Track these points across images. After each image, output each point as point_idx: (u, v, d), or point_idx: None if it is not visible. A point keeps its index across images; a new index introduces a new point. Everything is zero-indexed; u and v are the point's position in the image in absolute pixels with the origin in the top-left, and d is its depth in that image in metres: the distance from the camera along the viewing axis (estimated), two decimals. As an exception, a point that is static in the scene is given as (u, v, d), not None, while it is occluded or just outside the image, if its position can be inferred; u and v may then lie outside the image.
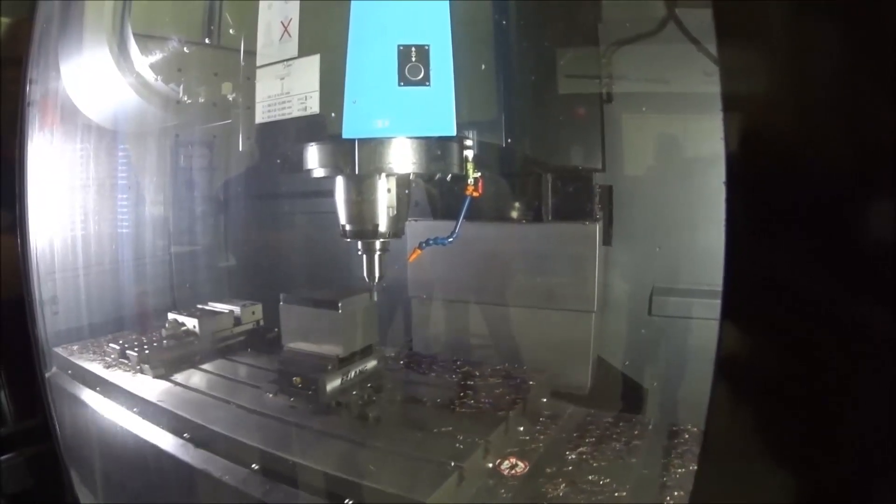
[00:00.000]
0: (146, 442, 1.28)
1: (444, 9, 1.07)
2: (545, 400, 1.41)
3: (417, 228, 1.52)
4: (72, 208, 1.76)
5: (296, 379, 1.32)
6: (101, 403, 1.46)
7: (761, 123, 0.66)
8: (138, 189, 1.91)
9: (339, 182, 1.21)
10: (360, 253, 1.24)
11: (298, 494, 1.06)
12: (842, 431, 0.60)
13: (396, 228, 1.22)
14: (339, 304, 1.32)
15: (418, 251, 1.37)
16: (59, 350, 1.66)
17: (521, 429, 1.27)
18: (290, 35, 1.17)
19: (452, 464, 1.05)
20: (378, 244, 1.22)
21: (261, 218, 2.08)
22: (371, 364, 1.42)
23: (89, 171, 1.78)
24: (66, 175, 1.72)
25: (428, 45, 1.06)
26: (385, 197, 1.19)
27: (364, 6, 1.08)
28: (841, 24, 0.60)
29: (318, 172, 1.19)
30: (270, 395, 1.35)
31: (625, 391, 1.55)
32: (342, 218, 1.23)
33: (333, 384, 1.31)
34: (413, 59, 1.06)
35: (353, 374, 1.37)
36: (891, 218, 0.56)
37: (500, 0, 1.33)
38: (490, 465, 1.13)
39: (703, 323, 1.39)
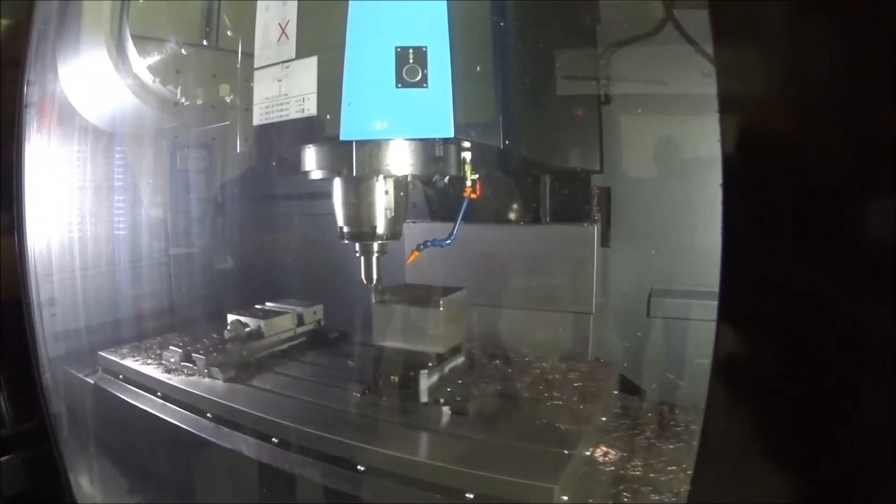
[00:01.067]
0: (224, 448, 1.26)
1: (442, 10, 1.07)
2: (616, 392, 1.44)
3: (415, 230, 1.52)
4: (70, 210, 1.75)
5: (393, 377, 1.30)
6: (161, 409, 1.44)
7: (759, 124, 0.66)
8: (136, 191, 1.91)
9: (337, 184, 1.21)
10: (357, 255, 1.24)
11: (415, 493, 1.05)
12: (840, 432, 0.60)
13: (394, 230, 1.22)
14: (441, 302, 1.31)
15: (416, 253, 1.37)
16: (106, 354, 1.64)
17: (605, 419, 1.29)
18: (287, 37, 1.17)
19: (566, 451, 1.06)
20: (376, 246, 1.22)
21: (260, 220, 2.08)
22: (461, 360, 1.42)
23: (87, 173, 1.78)
24: (64, 177, 1.72)
25: (425, 47, 1.06)
26: (383, 199, 1.19)
27: (362, 7, 1.08)
28: (839, 23, 0.60)
29: (316, 174, 1.19)
30: (357, 395, 1.34)
31: (622, 392, 1.54)
32: (340, 220, 1.23)
33: (431, 381, 1.30)
34: (411, 60, 1.06)
35: (447, 370, 1.37)
36: (889, 218, 0.56)
37: (498, 1, 1.33)
38: (587, 453, 1.16)
39: (701, 324, 1.39)
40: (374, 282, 1.25)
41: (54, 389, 1.56)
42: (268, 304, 1.82)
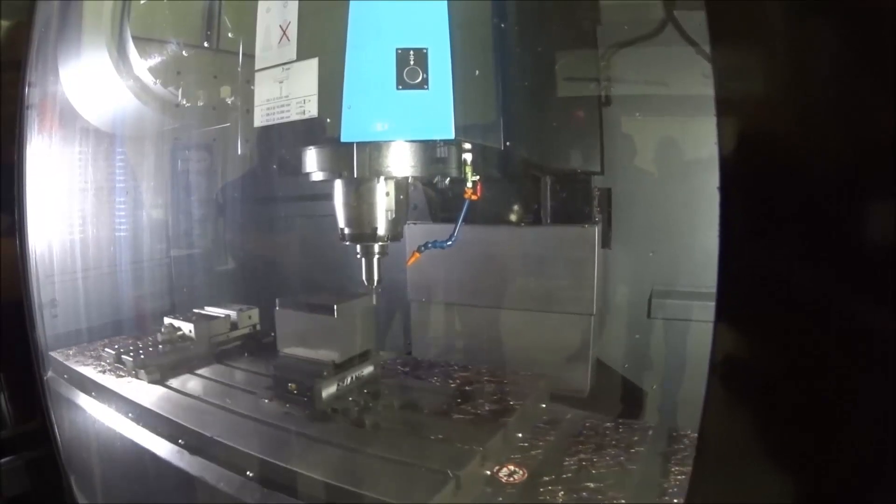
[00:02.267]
0: (142, 447, 1.28)
1: (443, 11, 1.07)
2: (544, 405, 1.40)
3: (416, 232, 1.52)
4: (71, 212, 1.76)
5: (291, 385, 1.31)
6: (96, 408, 1.46)
7: (758, 124, 0.66)
8: (137, 192, 1.91)
9: (338, 185, 1.21)
10: (358, 256, 1.24)
11: (295, 502, 1.05)
12: (840, 432, 0.60)
13: (395, 232, 1.22)
14: (336, 309, 1.31)
15: (417, 255, 1.36)
16: (55, 354, 1.65)
17: (520, 435, 1.25)
18: (288, 38, 1.17)
19: (450, 472, 1.04)
20: (377, 248, 1.22)
21: (261, 221, 2.08)
22: (368, 369, 1.41)
23: (89, 175, 1.78)
24: (65, 178, 1.72)
25: (426, 49, 1.06)
26: (383, 200, 1.18)
27: (362, 9, 1.08)
28: (838, 24, 0.59)
29: (317, 176, 1.19)
30: (266, 401, 1.34)
31: (624, 394, 1.54)
32: (341, 221, 1.23)
33: (329, 390, 1.30)
34: (411, 62, 1.06)
35: (349, 379, 1.35)
36: (888, 218, 0.56)
37: (499, 2, 1.33)
38: (488, 472, 1.12)
39: (702, 325, 1.39)
40: (375, 283, 1.25)
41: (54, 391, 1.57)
42: (207, 308, 1.83)
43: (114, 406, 1.43)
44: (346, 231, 1.22)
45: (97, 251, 1.79)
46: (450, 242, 1.33)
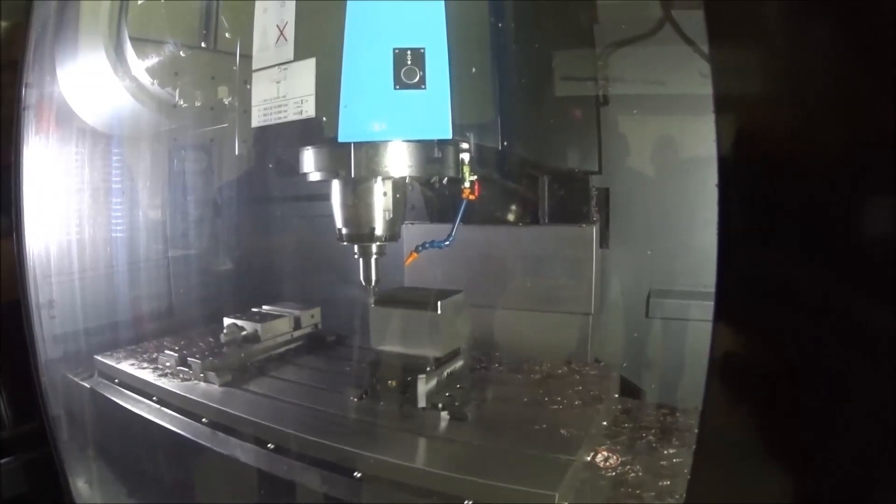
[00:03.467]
0: (221, 454, 1.25)
1: (440, 11, 1.07)
2: (617, 395, 1.42)
3: (414, 232, 1.52)
4: (69, 213, 1.75)
5: (390, 381, 1.29)
6: (157, 413, 1.42)
7: (756, 123, 0.66)
8: (135, 193, 1.91)
9: (336, 186, 1.21)
10: (356, 256, 1.24)
11: (413, 500, 1.04)
12: (839, 431, 0.60)
13: (392, 232, 1.22)
14: (440, 305, 1.30)
15: (414, 255, 1.36)
16: (102, 358, 1.63)
17: (605, 423, 1.27)
18: (286, 39, 1.17)
19: (566, 457, 1.05)
20: (374, 248, 1.22)
21: (259, 222, 2.08)
22: (459, 364, 1.40)
23: (86, 176, 1.78)
24: (63, 179, 1.72)
25: (423, 48, 1.06)
26: (381, 200, 1.18)
27: (359, 9, 1.08)
28: (836, 22, 0.59)
29: (314, 176, 1.19)
30: (355, 400, 1.32)
31: (622, 393, 1.54)
32: (338, 221, 1.23)
33: (430, 386, 1.28)
34: (409, 62, 1.06)
35: (445, 375, 1.35)
36: (887, 217, 0.56)
37: (496, 2, 1.33)
38: (588, 458, 1.14)
39: (701, 324, 1.39)
40: (373, 283, 1.25)
41: (53, 392, 1.56)
42: (265, 307, 1.81)
43: (180, 411, 1.40)
44: (344, 231, 1.22)
45: (95, 252, 1.79)
46: (447, 242, 1.33)
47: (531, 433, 1.16)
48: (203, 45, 1.71)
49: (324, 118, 1.10)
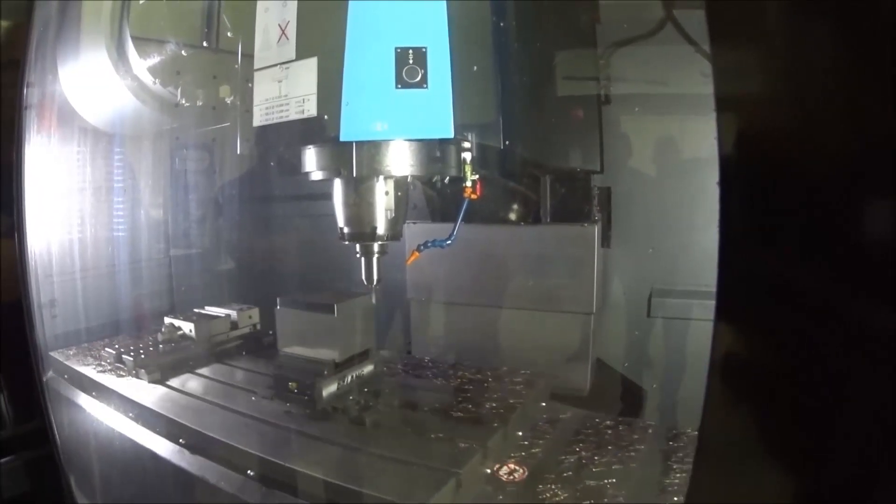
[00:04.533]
0: (142, 447, 1.28)
1: (442, 11, 1.07)
2: (544, 404, 1.40)
3: (415, 231, 1.52)
4: (71, 212, 1.75)
5: (291, 384, 1.30)
6: (97, 408, 1.46)
7: (757, 123, 0.66)
8: (137, 192, 1.91)
9: (337, 185, 1.21)
10: (358, 256, 1.24)
11: (296, 501, 1.05)
12: (840, 431, 0.60)
13: (394, 231, 1.22)
14: (336, 308, 1.31)
15: (416, 254, 1.36)
16: (55, 354, 1.65)
17: (521, 433, 1.26)
18: (287, 38, 1.17)
19: (450, 470, 1.04)
20: (376, 247, 1.22)
21: (261, 221, 2.07)
22: (368, 368, 1.41)
23: (88, 175, 1.78)
24: (65, 178, 1.72)
25: (425, 48, 1.06)
26: (383, 199, 1.18)
27: (361, 8, 1.08)
28: (837, 22, 0.59)
29: (316, 175, 1.19)
30: (266, 400, 1.34)
31: (624, 393, 1.54)
32: (340, 221, 1.23)
33: (330, 389, 1.30)
34: (410, 61, 1.06)
35: (349, 378, 1.35)
36: (888, 217, 0.56)
37: (498, 1, 1.33)
38: (488, 470, 1.12)
39: (703, 324, 1.39)
40: (375, 283, 1.25)
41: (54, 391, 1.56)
42: (207, 307, 1.83)
43: (114, 405, 1.43)
44: (346, 230, 1.22)
45: (96, 251, 1.79)
46: (449, 241, 1.33)
47: (426, 442, 1.16)
48: (205, 44, 1.71)
49: (325, 117, 1.10)
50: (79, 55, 1.59)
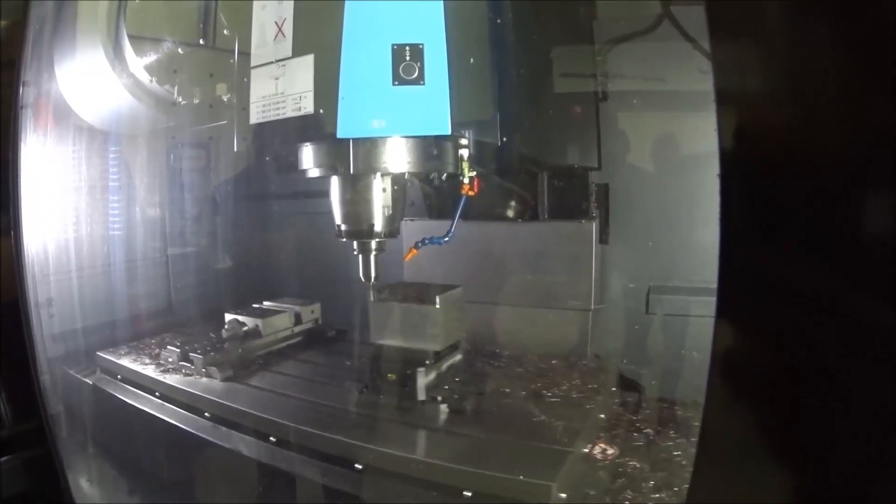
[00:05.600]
0: (225, 449, 1.27)
1: (438, 8, 1.07)
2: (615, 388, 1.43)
3: (413, 228, 1.52)
4: (67, 211, 1.75)
5: (390, 375, 1.30)
6: (160, 409, 1.44)
7: (756, 119, 0.66)
8: (134, 191, 1.91)
9: (334, 182, 1.21)
10: (355, 253, 1.24)
11: (414, 492, 1.06)
12: (840, 429, 0.60)
13: (392, 228, 1.22)
14: (438, 300, 1.31)
15: (414, 251, 1.36)
16: (104, 354, 1.64)
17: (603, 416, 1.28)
18: (284, 35, 1.17)
19: (564, 449, 1.06)
20: (374, 244, 1.22)
21: (259, 219, 2.07)
22: (458, 358, 1.42)
23: (85, 174, 1.78)
24: (62, 177, 1.72)
25: (422, 44, 1.06)
26: (380, 196, 1.19)
27: (358, 6, 1.08)
28: (837, 19, 0.59)
29: (314, 172, 1.19)
30: (357, 393, 1.33)
31: (622, 389, 1.54)
32: (338, 218, 1.23)
33: (429, 379, 1.30)
34: (407, 58, 1.06)
35: (444, 368, 1.36)
36: (888, 214, 0.56)
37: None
38: (585, 450, 1.14)
39: (701, 320, 1.39)
40: (373, 279, 1.25)
41: (53, 390, 1.56)
42: (265, 303, 1.82)
43: (183, 406, 1.42)
44: (343, 227, 1.23)
45: (93, 250, 1.79)
46: (447, 238, 1.33)
47: (529, 426, 1.17)
48: (201, 42, 1.70)
49: (322, 112, 1.10)
50: (75, 54, 1.59)
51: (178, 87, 1.66)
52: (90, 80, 1.63)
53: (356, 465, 1.12)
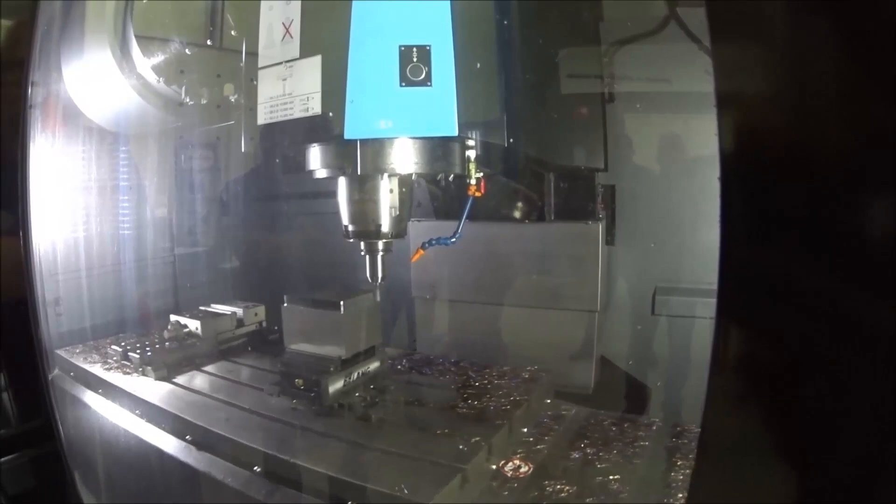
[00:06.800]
0: (148, 444, 1.28)
1: (445, 9, 1.07)
2: (549, 401, 1.41)
3: (420, 228, 1.52)
4: (75, 210, 1.76)
5: (298, 381, 1.31)
6: (103, 405, 1.46)
7: (759, 121, 0.66)
8: (141, 191, 1.92)
9: (342, 183, 1.21)
10: (362, 253, 1.24)
11: (301, 497, 1.06)
12: (841, 430, 0.60)
13: (399, 228, 1.22)
14: (342, 305, 1.31)
15: (421, 251, 1.37)
16: (61, 352, 1.65)
17: (525, 430, 1.26)
18: (291, 36, 1.17)
19: (455, 465, 1.04)
20: (381, 244, 1.23)
21: (266, 219, 2.08)
22: (374, 365, 1.41)
23: (93, 174, 1.79)
24: (69, 177, 1.73)
25: (429, 46, 1.06)
26: (387, 197, 1.19)
27: (365, 7, 1.08)
28: (839, 21, 0.60)
29: (321, 173, 1.19)
30: (273, 398, 1.34)
31: (628, 391, 1.54)
32: (345, 218, 1.23)
33: (336, 386, 1.30)
34: (414, 59, 1.06)
35: (355, 375, 1.35)
36: (889, 215, 0.56)
37: (502, 0, 1.33)
38: (493, 466, 1.12)
39: (707, 322, 1.38)
40: (380, 280, 1.26)
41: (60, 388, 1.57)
42: (213, 305, 1.84)
43: (120, 403, 1.44)
44: (350, 228, 1.23)
45: (101, 249, 1.80)
46: (454, 239, 1.34)
47: (431, 438, 1.17)
48: (209, 42, 1.71)
49: (330, 115, 1.11)
50: (83, 54, 1.59)
51: (185, 88, 1.66)
52: (97, 81, 1.63)
53: (255, 468, 1.13)
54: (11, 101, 1.52)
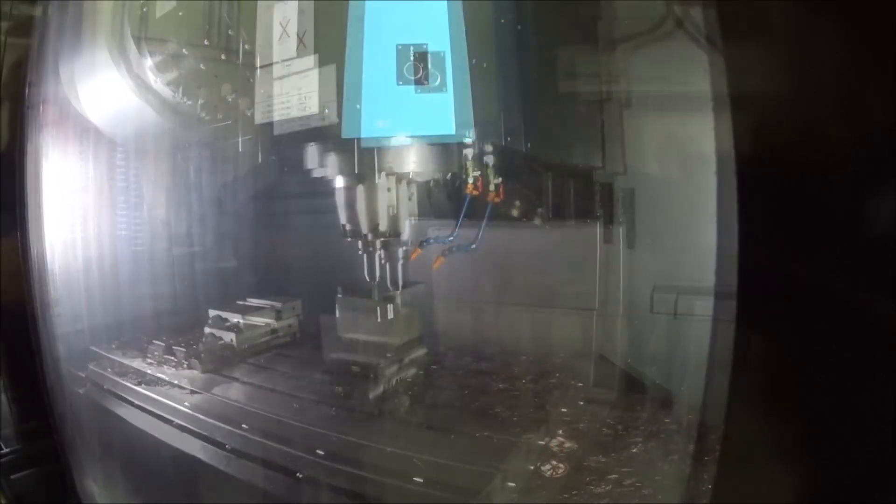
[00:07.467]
0: (194, 437, 1.32)
1: (444, 9, 1.07)
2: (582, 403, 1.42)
3: (420, 228, 1.51)
4: (73, 211, 1.76)
5: (354, 367, 1.33)
6: (148, 402, 1.48)
7: (765, 120, 0.65)
8: (139, 192, 1.92)
9: (340, 182, 1.21)
10: (360, 253, 1.24)
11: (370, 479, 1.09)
12: (851, 431, 0.60)
13: (396, 228, 1.23)
14: (398, 295, 1.35)
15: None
16: (96, 348, 1.69)
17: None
18: (289, 35, 1.17)
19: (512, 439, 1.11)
20: (378, 244, 1.23)
21: (264, 219, 2.07)
22: (421, 352, 1.46)
23: (90, 175, 1.79)
24: (67, 178, 1.72)
25: (427, 45, 1.06)
26: (385, 196, 1.19)
27: (363, 6, 1.07)
28: (845, 21, 0.59)
29: (319, 173, 1.19)
30: (326, 385, 1.37)
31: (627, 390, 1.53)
32: (342, 218, 1.24)
33: (390, 371, 1.34)
34: (413, 58, 1.06)
35: (406, 361, 1.40)
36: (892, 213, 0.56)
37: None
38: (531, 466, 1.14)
39: (705, 320, 1.37)
40: (377, 279, 1.26)
41: (58, 390, 1.57)
42: (249, 299, 1.88)
43: (168, 397, 1.46)
44: (348, 227, 1.23)
45: (100, 251, 1.80)
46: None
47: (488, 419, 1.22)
48: (206, 42, 1.70)
49: (328, 113, 1.10)
50: (81, 55, 1.59)
51: (182, 88, 1.66)
52: (95, 81, 1.63)
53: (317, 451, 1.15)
54: (9, 103, 1.52)
